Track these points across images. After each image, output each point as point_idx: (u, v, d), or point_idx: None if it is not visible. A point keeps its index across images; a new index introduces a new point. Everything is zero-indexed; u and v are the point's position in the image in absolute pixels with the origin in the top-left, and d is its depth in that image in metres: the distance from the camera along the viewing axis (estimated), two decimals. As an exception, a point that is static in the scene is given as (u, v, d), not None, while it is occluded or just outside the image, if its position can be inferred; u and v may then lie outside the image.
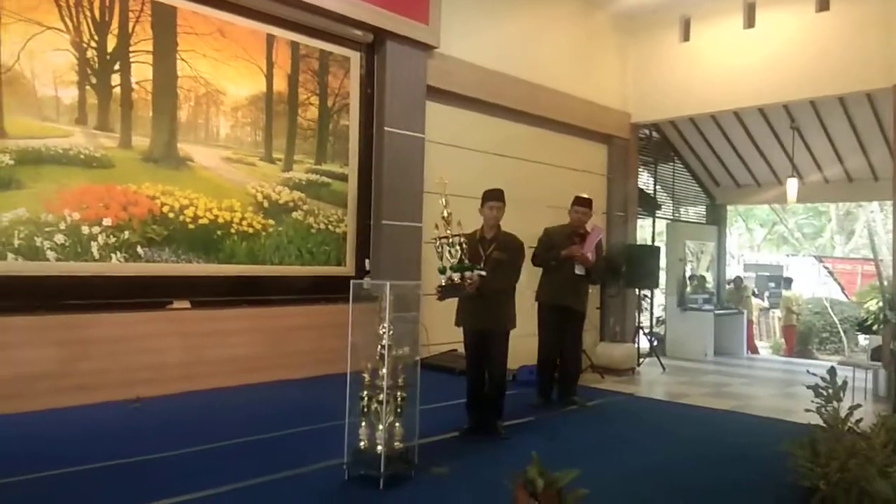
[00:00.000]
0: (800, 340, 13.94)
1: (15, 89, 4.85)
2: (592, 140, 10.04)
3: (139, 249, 5.44)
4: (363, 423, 3.41)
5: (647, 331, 11.31)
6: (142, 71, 5.47)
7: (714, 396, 7.97)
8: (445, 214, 4.49)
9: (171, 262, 5.61)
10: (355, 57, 6.92)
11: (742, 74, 9.20)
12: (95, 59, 5.23)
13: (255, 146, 6.18)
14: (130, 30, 5.39)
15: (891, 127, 8.50)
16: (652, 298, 11.90)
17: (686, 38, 9.89)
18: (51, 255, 5.01)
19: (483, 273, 4.54)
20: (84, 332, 5.08)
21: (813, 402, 3.51)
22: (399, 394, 3.45)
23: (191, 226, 5.72)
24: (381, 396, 3.36)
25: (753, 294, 14.03)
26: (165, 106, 5.59)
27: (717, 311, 11.77)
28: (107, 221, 5.27)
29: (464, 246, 4.40)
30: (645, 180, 11.73)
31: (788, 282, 14.97)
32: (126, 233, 5.37)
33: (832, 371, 3.50)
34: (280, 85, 6.36)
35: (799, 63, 8.72)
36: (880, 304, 9.05)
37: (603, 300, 9.93)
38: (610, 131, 10.12)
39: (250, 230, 6.11)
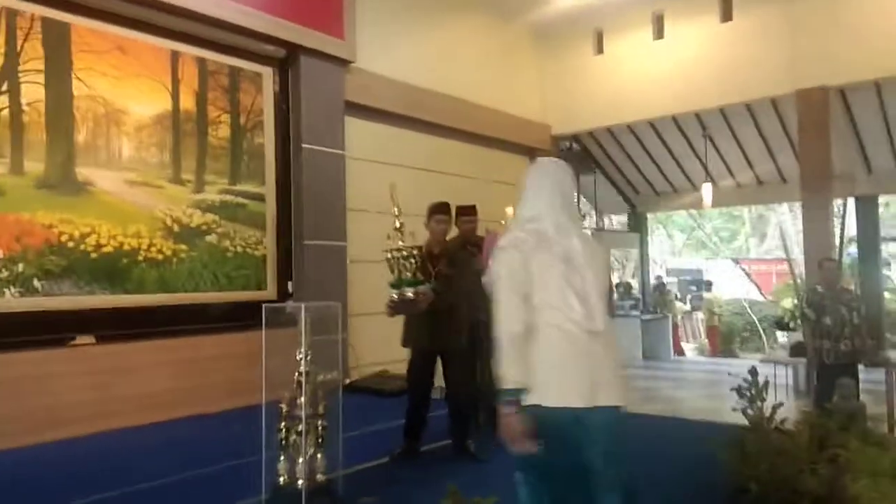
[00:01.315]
0: (723, 340, 14.37)
1: None
2: (515, 153, 10.07)
3: (35, 282, 5.03)
4: (282, 457, 3.19)
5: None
6: (33, 91, 5.08)
7: (644, 401, 8.06)
8: (398, 224, 4.25)
9: (72, 294, 5.21)
10: (267, 72, 6.69)
11: (654, 85, 9.44)
12: (-21, 79, 4.83)
13: (161, 167, 5.86)
14: (19, 48, 5.01)
15: (795, 131, 8.87)
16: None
17: (600, 50, 10.09)
18: (-68, 293, 4.57)
19: (434, 289, 4.32)
20: (-26, 374, 4.64)
21: (737, 402, 3.51)
22: (320, 423, 3.24)
23: (93, 255, 5.34)
24: (300, 427, 3.15)
25: (676, 298, 14.39)
26: (60, 128, 5.22)
27: (643, 317, 12.00)
28: (-3, 254, 4.85)
29: (416, 259, 4.20)
30: (568, 191, 11.87)
31: (708, 285, 15.44)
32: (20, 265, 4.96)
33: (753, 371, 3.51)
34: (187, 103, 6.07)
35: (707, 72, 9.01)
36: (795, 301, 9.40)
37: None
38: (532, 143, 10.18)
39: (160, 256, 5.77)
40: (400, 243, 4.21)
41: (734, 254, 21.59)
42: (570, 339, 2.34)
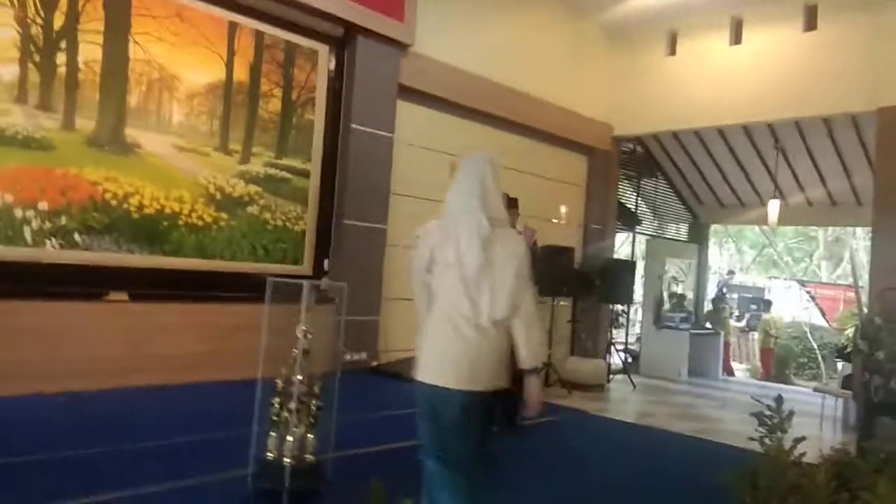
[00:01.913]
0: (777, 364, 13.74)
1: (-51, 62, 4.63)
2: (572, 150, 9.85)
3: (77, 237, 5.19)
4: (272, 433, 3.17)
5: (620, 347, 11.10)
6: (91, 51, 5.23)
7: (679, 418, 7.75)
8: None
9: (111, 251, 5.36)
10: (324, 50, 6.70)
11: (726, 91, 9.03)
12: (40, 36, 4.99)
13: (210, 136, 5.95)
14: (80, 8, 5.16)
15: (874, 151, 8.34)
16: (628, 315, 11.70)
17: (672, 52, 9.72)
18: (-21, 237, 4.77)
19: None
20: (12, 319, 4.82)
21: (756, 430, 3.29)
22: (314, 402, 3.21)
23: (135, 215, 5.48)
24: (292, 404, 3.12)
25: (731, 315, 13.84)
26: (114, 89, 5.36)
27: (693, 331, 11.56)
28: (42, 205, 5.02)
29: None
30: (628, 195, 11.56)
31: (767, 304, 14.77)
32: (63, 218, 5.13)
33: (778, 399, 3.28)
34: (241, 74, 6.14)
35: (784, 82, 8.55)
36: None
37: (575, 314, 9.71)
38: (591, 142, 9.93)
39: (200, 223, 5.87)
40: None
41: (802, 276, 20.61)
42: (453, 328, 2.56)
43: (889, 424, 4.10)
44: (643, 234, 12.11)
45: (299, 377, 3.18)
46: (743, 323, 15.63)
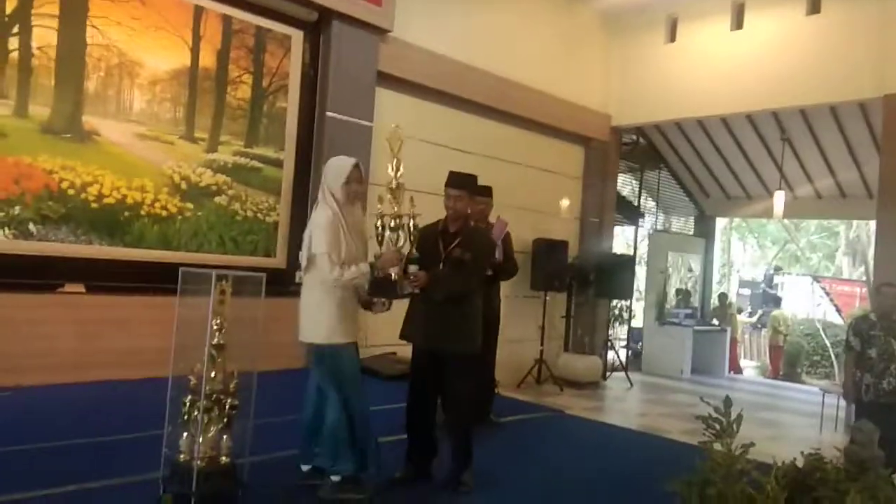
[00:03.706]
0: (787, 362, 13.31)
1: None
2: (568, 141, 9.55)
3: (31, 226, 5.05)
4: (184, 434, 2.97)
5: (620, 344, 10.82)
6: (45, 36, 5.08)
7: (672, 417, 7.47)
8: (394, 184, 3.53)
9: (67, 241, 5.21)
10: (297, 35, 6.49)
11: (729, 78, 8.68)
12: (-9, 19, 4.86)
13: (174, 124, 5.78)
14: (34, -10, 5.01)
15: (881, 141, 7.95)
16: (630, 311, 11.37)
17: (672, 38, 9.38)
18: (-74, 227, 4.65)
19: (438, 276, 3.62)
20: (-38, 311, 4.71)
21: (704, 434, 3.02)
22: (228, 401, 3.01)
23: (94, 205, 5.32)
24: (203, 403, 2.93)
25: (738, 311, 13.44)
26: (70, 75, 5.20)
27: (697, 328, 11.22)
28: (-6, 194, 4.89)
29: (412, 229, 3.50)
30: (631, 187, 11.24)
31: (777, 300, 14.32)
32: (17, 208, 4.99)
33: (727, 401, 3.00)
34: (207, 60, 5.95)
35: (788, 68, 8.18)
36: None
37: (569, 309, 9.43)
38: (588, 133, 9.62)
39: (164, 213, 5.71)
40: (393, 209, 3.51)
41: (815, 271, 20.03)
42: None
43: (866, 427, 3.77)
44: (646, 228, 11.78)
45: (212, 374, 2.98)
46: (755, 319, 15.23)
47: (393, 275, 3.51)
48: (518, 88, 8.44)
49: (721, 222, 14.07)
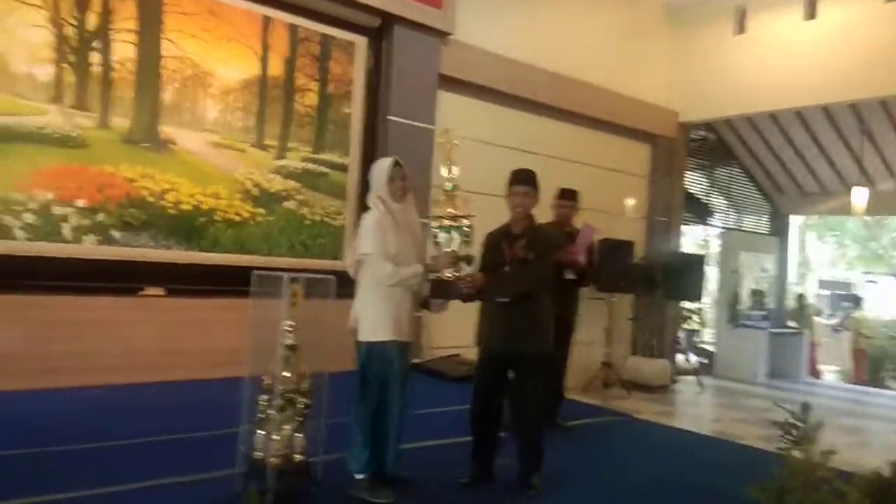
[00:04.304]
0: (871, 367, 12.67)
1: (-13, 65, 4.79)
2: (633, 139, 9.36)
3: (113, 233, 5.30)
4: (259, 432, 3.06)
5: (691, 346, 10.54)
6: (123, 50, 5.32)
7: (747, 423, 7.21)
8: (449, 186, 3.52)
9: (147, 247, 5.44)
10: (360, 42, 6.60)
11: (802, 70, 8.33)
12: (74, 36, 5.12)
13: (245, 132, 5.96)
14: (112, 7, 5.25)
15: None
16: (702, 312, 11.07)
17: (741, 30, 9.07)
18: (20, 234, 4.93)
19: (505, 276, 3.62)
20: (50, 314, 4.97)
21: (781, 440, 2.91)
22: (301, 400, 3.08)
23: (171, 211, 5.55)
24: (277, 402, 3.01)
25: (817, 313, 12.88)
26: (147, 86, 5.43)
27: (773, 330, 10.82)
28: (80, 202, 5.15)
29: (467, 231, 3.50)
30: (701, 185, 10.94)
31: (858, 301, 13.63)
32: (101, 215, 5.24)
33: (805, 407, 2.89)
34: (276, 69, 6.12)
35: (865, 58, 7.80)
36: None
37: (636, 312, 9.25)
38: (654, 130, 9.41)
39: (237, 218, 5.89)
40: (449, 210, 3.51)
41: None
42: None
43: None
44: (715, 226, 11.45)
45: (285, 374, 3.06)
46: (835, 321, 14.56)
47: (449, 276, 3.50)
48: (580, 86, 8.33)
49: (796, 220, 13.50)
